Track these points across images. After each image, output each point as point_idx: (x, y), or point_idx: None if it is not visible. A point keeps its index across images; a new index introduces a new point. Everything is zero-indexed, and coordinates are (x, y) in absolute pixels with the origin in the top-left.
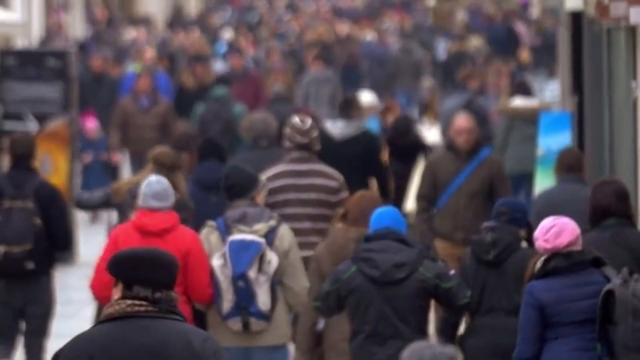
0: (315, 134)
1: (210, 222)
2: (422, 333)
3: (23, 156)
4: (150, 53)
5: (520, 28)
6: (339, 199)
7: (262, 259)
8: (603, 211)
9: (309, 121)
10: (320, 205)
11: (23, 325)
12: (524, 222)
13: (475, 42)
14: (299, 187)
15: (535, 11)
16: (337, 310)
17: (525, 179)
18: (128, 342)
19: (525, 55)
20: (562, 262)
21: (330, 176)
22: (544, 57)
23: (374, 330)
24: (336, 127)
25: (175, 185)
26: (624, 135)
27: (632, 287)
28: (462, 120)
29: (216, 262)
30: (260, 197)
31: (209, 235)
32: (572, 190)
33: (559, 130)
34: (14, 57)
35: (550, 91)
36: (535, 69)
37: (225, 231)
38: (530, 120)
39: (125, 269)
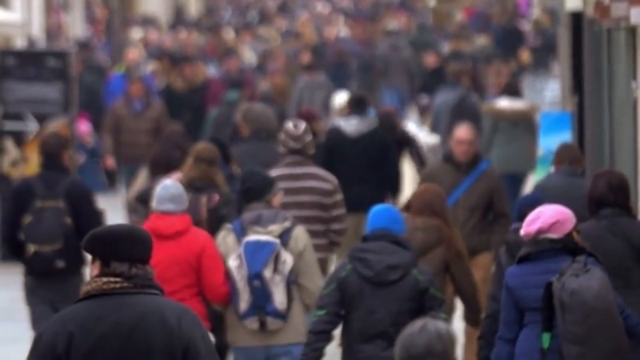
0: (308, 138)
1: (227, 225)
2: None
3: (53, 156)
4: (133, 54)
5: (526, 27)
6: (333, 200)
7: (277, 259)
8: (598, 202)
9: (302, 126)
10: (314, 207)
11: None
12: None
13: (481, 41)
14: (294, 190)
15: (535, 11)
16: (340, 306)
17: (510, 180)
18: (104, 319)
19: (525, 55)
20: (530, 249)
21: (324, 179)
22: (544, 57)
23: (361, 329)
24: (350, 125)
25: (213, 180)
26: (624, 135)
27: (563, 280)
28: (463, 131)
29: (232, 263)
30: (276, 200)
31: (225, 237)
32: (568, 180)
33: (559, 130)
34: (14, 57)
35: (550, 91)
36: (535, 69)
37: (241, 233)
38: (515, 121)
39: (102, 246)
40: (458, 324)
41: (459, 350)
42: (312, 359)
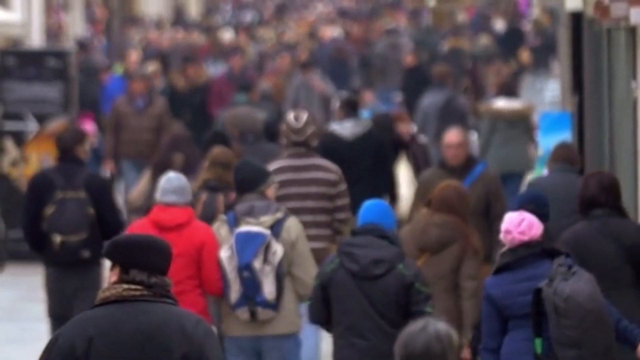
0: (310, 130)
1: (222, 216)
2: (400, 328)
3: (68, 150)
4: (134, 56)
5: (526, 27)
6: (337, 191)
7: (267, 249)
8: (589, 202)
9: (304, 117)
10: (320, 198)
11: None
12: (548, 215)
13: (484, 41)
14: (299, 182)
15: (535, 11)
16: (323, 303)
17: (508, 180)
18: (124, 326)
19: (525, 55)
20: (509, 258)
21: (329, 169)
22: (544, 57)
23: (352, 323)
24: (345, 128)
25: (230, 184)
26: (624, 135)
27: (555, 286)
28: (452, 135)
29: (224, 253)
30: (270, 191)
31: (219, 228)
32: (561, 178)
33: (559, 130)
34: (14, 57)
35: (550, 91)
36: (535, 69)
37: (234, 224)
38: (512, 121)
39: (122, 254)
40: None
41: None
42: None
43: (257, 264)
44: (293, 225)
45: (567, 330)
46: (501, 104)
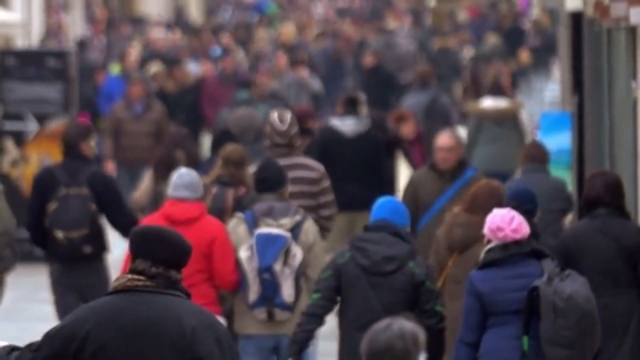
0: (294, 130)
1: (239, 214)
2: None
3: (72, 145)
4: (133, 55)
5: (526, 26)
6: (320, 188)
7: (287, 252)
8: (593, 201)
9: (287, 118)
10: (302, 197)
11: None
12: (535, 210)
13: (493, 40)
14: None
15: (535, 11)
16: (335, 293)
17: (494, 179)
18: (124, 316)
19: (525, 55)
20: (498, 254)
21: (311, 167)
22: (544, 57)
23: (359, 317)
24: (346, 125)
25: (242, 180)
26: (624, 135)
27: (555, 285)
28: (444, 138)
29: (243, 253)
30: (287, 192)
31: (237, 226)
32: (535, 177)
33: (559, 130)
34: (14, 57)
35: (550, 91)
36: (535, 69)
37: (252, 224)
38: (499, 120)
39: (131, 243)
40: None
41: None
42: (302, 339)
43: (277, 266)
44: (311, 228)
45: (563, 330)
46: (487, 103)
